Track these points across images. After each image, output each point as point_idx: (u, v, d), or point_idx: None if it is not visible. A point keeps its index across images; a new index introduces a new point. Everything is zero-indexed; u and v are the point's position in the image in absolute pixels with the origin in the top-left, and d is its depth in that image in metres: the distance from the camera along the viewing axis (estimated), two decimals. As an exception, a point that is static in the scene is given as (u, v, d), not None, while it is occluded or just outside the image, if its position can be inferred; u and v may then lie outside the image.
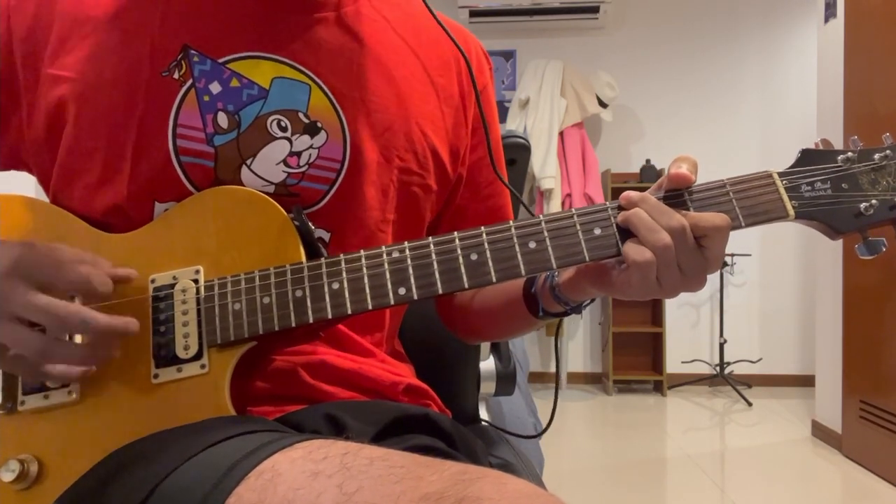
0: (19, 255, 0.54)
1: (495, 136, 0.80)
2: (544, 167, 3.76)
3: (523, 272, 0.57)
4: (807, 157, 0.58)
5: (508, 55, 4.32)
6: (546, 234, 0.57)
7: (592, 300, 0.67)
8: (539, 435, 0.71)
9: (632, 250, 0.55)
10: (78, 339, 0.56)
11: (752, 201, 0.57)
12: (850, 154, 0.58)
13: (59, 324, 0.52)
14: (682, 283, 0.56)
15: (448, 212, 0.77)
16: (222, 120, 0.62)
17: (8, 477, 0.54)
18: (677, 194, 0.57)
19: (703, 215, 0.55)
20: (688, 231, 0.54)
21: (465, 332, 0.83)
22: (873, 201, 0.56)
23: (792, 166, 0.58)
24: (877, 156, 0.57)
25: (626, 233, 0.56)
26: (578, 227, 0.57)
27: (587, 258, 0.57)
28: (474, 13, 4.08)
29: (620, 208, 0.57)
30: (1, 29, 0.63)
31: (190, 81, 0.62)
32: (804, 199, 0.57)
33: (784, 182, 0.57)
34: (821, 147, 0.59)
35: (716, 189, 0.57)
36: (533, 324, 0.72)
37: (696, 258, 0.55)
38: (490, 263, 0.57)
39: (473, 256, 0.57)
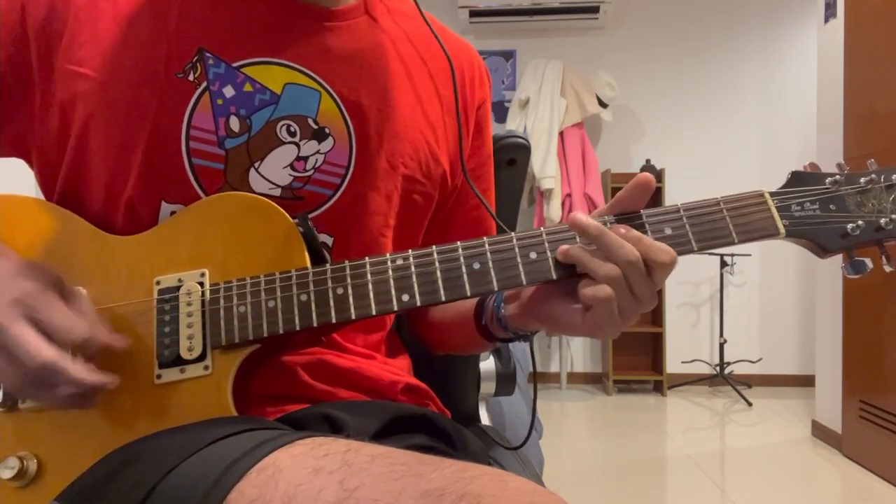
0: (32, 288, 0.52)
1: (488, 150, 0.81)
2: (544, 167, 3.76)
3: (524, 282, 0.58)
4: (797, 179, 0.61)
5: (508, 55, 4.32)
6: (547, 245, 0.58)
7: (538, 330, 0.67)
8: (521, 446, 0.71)
9: (590, 290, 0.55)
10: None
11: (745, 219, 0.59)
12: (837, 177, 0.60)
13: (34, 368, 0.50)
14: (638, 309, 0.56)
15: (436, 220, 0.78)
16: (234, 124, 0.63)
17: (7, 474, 0.54)
18: (675, 211, 0.58)
19: (656, 248, 0.55)
20: (640, 263, 0.54)
21: (428, 343, 0.83)
22: (859, 222, 0.59)
23: (782, 187, 0.61)
24: (862, 179, 0.60)
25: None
26: (579, 238, 0.58)
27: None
28: (474, 13, 4.08)
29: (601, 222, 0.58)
30: (15, 19, 0.63)
31: (204, 84, 0.62)
32: (794, 219, 0.59)
33: (775, 201, 0.59)
34: (809, 170, 0.61)
35: (711, 207, 0.59)
36: (487, 345, 0.72)
37: (647, 283, 0.55)
38: (492, 272, 0.58)
39: (476, 265, 0.58)
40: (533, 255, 0.58)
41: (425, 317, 0.81)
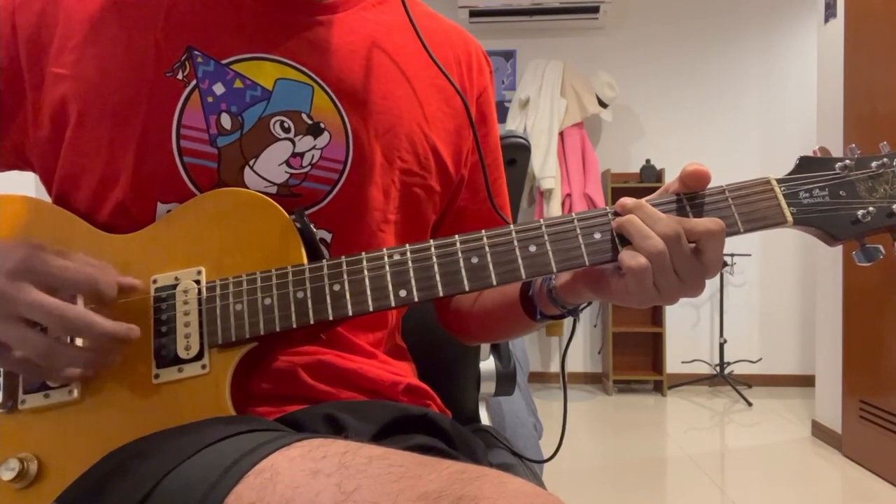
0: (26, 254, 0.53)
1: (494, 139, 0.80)
2: (544, 167, 3.76)
3: (523, 275, 0.57)
4: (805, 165, 0.59)
5: (508, 55, 4.32)
6: (546, 237, 0.57)
7: (590, 303, 0.67)
8: (549, 460, 0.71)
9: (627, 256, 0.55)
10: (79, 341, 0.56)
11: (750, 207, 0.57)
12: (847, 162, 0.58)
13: (63, 326, 0.52)
14: (680, 289, 0.56)
15: (450, 213, 0.78)
16: (225, 121, 0.63)
17: (7, 475, 0.54)
18: (677, 200, 0.58)
19: (697, 221, 0.55)
20: (682, 237, 0.54)
21: (463, 334, 0.83)
22: (871, 208, 0.57)
23: (790, 173, 0.59)
24: (874, 164, 0.58)
25: (625, 238, 0.57)
26: (579, 231, 0.57)
27: (587, 262, 0.57)
28: (474, 13, 4.08)
29: (618, 214, 0.58)
30: (6, 28, 0.63)
31: (194, 82, 0.62)
32: (802, 206, 0.57)
33: (782, 188, 0.58)
34: (819, 155, 0.59)
35: (715, 195, 0.58)
36: (531, 326, 0.72)
37: (693, 263, 0.55)
38: (490, 267, 0.57)
39: (474, 259, 0.57)
40: (532, 249, 0.57)
41: (461, 308, 0.81)
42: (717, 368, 3.96)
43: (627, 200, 0.57)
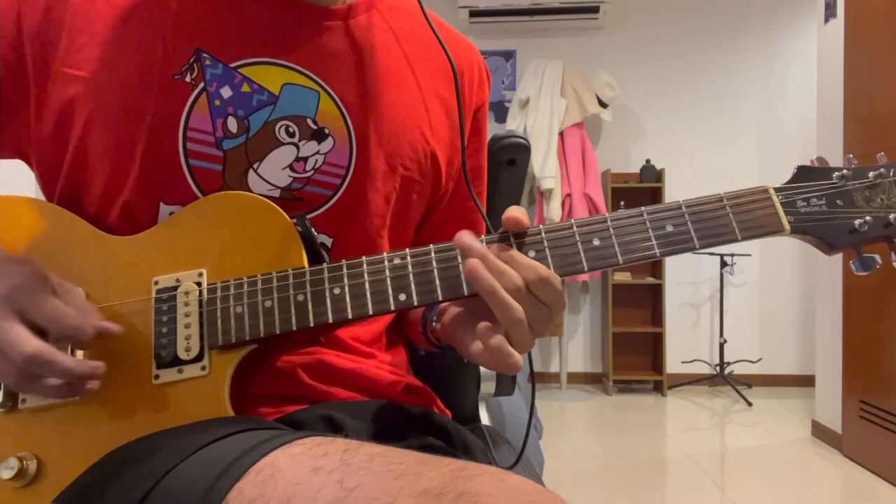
0: (20, 283, 0.53)
1: (483, 154, 0.81)
2: (544, 167, 3.76)
3: None
4: (803, 174, 0.59)
5: (508, 55, 4.32)
6: (546, 244, 0.57)
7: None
8: (514, 464, 0.70)
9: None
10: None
11: (748, 215, 0.57)
12: (845, 171, 0.58)
13: (27, 362, 0.51)
14: (532, 339, 0.55)
15: (429, 221, 0.77)
16: (232, 124, 0.63)
17: (6, 474, 0.54)
18: (676, 207, 0.57)
19: (530, 267, 0.54)
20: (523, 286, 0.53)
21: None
22: (867, 218, 0.57)
23: (788, 182, 0.59)
24: (871, 174, 0.58)
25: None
26: (578, 237, 0.57)
27: (586, 269, 0.57)
28: (474, 13, 4.08)
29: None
30: (11, 24, 0.63)
31: (202, 85, 0.62)
32: (800, 215, 0.58)
33: (780, 197, 0.58)
34: (816, 164, 0.60)
35: (713, 203, 0.58)
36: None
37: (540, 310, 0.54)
38: None
39: None
40: (532, 254, 0.57)
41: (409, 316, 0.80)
42: (717, 368, 3.97)
43: (472, 245, 0.54)
